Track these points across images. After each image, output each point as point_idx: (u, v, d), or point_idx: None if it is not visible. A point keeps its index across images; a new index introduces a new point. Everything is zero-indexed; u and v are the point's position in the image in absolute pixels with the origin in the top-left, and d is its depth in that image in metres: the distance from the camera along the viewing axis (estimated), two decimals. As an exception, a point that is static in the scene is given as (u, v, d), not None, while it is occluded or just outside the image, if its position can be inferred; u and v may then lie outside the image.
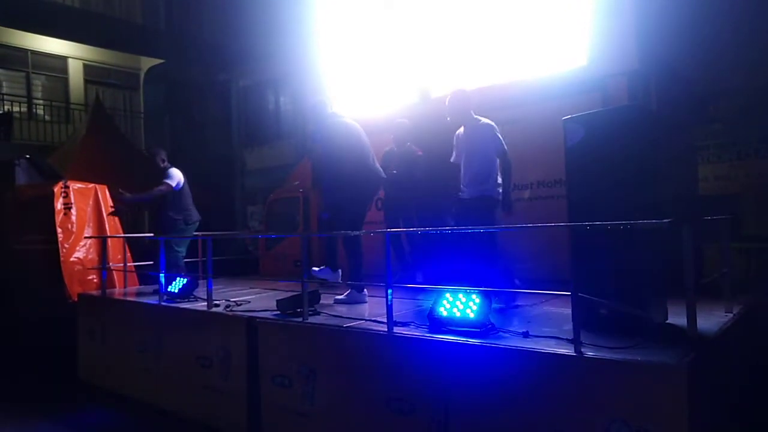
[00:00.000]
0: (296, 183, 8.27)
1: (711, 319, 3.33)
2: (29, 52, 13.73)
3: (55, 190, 6.87)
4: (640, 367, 2.53)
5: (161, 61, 14.43)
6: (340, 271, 4.98)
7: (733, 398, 3.44)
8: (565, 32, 5.37)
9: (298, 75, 8.31)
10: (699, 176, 5.90)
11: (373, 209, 5.86)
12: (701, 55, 5.58)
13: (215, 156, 6.64)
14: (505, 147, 4.46)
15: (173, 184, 6.14)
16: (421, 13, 6.57)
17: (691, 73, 5.73)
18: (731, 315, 3.52)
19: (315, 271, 4.84)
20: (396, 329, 3.48)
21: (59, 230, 6.76)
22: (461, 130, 4.68)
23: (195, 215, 6.32)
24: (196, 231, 6.42)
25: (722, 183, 5.92)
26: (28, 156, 8.53)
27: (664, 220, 2.66)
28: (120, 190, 6.19)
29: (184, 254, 6.32)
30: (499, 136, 4.47)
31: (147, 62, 15.12)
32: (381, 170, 5.08)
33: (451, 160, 4.75)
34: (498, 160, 4.47)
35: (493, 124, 4.54)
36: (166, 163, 6.32)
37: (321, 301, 4.52)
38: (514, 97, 5.38)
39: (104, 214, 7.25)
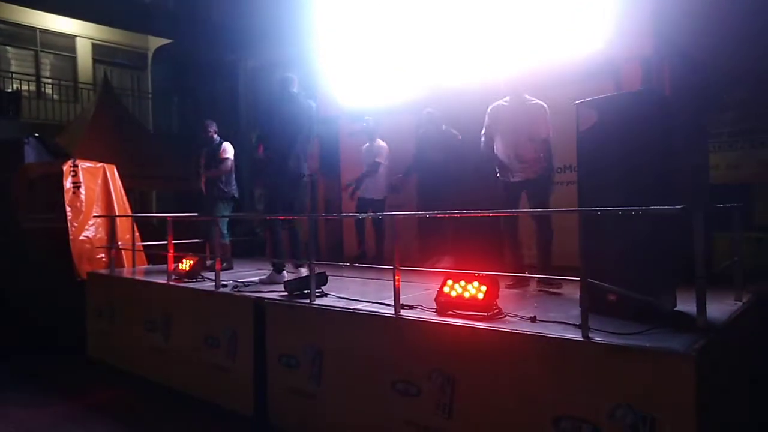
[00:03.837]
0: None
1: (720, 308, 3.30)
2: (38, 31, 13.71)
3: (64, 168, 6.88)
4: (649, 354, 2.51)
5: (169, 41, 14.36)
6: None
7: (741, 387, 3.43)
8: (580, 17, 5.28)
9: (307, 56, 8.24)
10: (711, 164, 5.83)
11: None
12: (716, 41, 5.47)
13: (222, 137, 6.68)
14: (551, 131, 4.51)
15: (232, 158, 6.28)
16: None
17: (705, 59, 5.63)
18: (741, 304, 3.50)
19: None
20: (403, 312, 3.49)
21: (68, 209, 6.78)
22: (502, 103, 4.64)
23: (236, 191, 6.47)
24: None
25: (734, 171, 5.85)
26: (36, 135, 8.54)
27: (676, 206, 2.63)
28: (200, 170, 6.30)
29: (227, 230, 6.41)
30: (548, 118, 4.52)
31: (155, 42, 15.06)
32: (304, 167, 5.17)
33: (481, 133, 4.73)
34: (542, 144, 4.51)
35: (545, 105, 4.55)
36: (216, 136, 6.42)
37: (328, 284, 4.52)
38: (526, 81, 5.28)
39: (113, 193, 7.27)
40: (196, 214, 6.66)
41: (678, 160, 4.21)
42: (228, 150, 6.31)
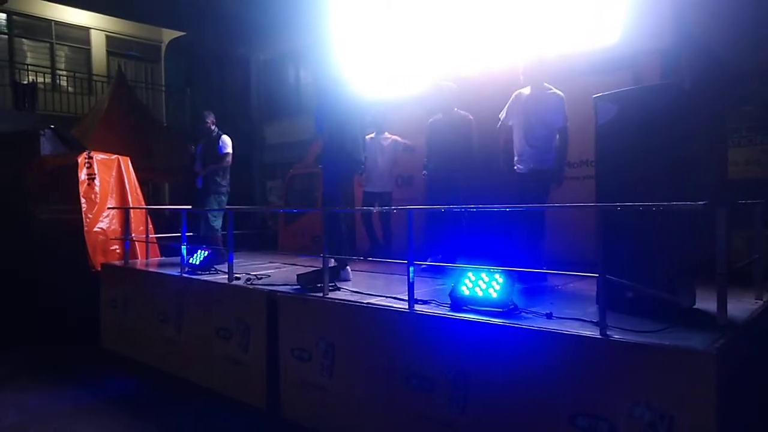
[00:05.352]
0: (315, 158, 8.24)
1: (740, 306, 3.25)
2: (53, 23, 13.80)
3: (79, 160, 6.92)
4: (668, 352, 2.47)
5: (183, 33, 14.40)
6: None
7: (762, 386, 3.38)
8: (597, 8, 5.19)
9: (319, 48, 8.21)
10: (729, 159, 5.73)
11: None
12: (735, 33, 5.37)
13: (235, 130, 6.68)
14: (568, 122, 4.52)
15: (231, 151, 6.28)
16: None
17: (724, 53, 5.53)
18: (761, 302, 3.44)
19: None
20: (417, 307, 3.47)
21: (83, 200, 6.84)
22: (523, 91, 4.66)
23: (228, 186, 6.49)
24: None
25: (753, 167, 5.75)
26: (52, 126, 8.61)
27: (699, 203, 2.58)
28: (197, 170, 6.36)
29: (220, 225, 6.38)
30: (565, 109, 4.52)
31: (168, 35, 15.12)
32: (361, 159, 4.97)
33: (500, 115, 4.78)
34: (558, 134, 4.52)
35: (562, 95, 4.55)
36: (215, 128, 6.41)
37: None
38: (546, 71, 5.18)
39: (127, 186, 7.32)
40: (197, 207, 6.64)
41: (697, 155, 4.14)
42: (228, 144, 6.32)
